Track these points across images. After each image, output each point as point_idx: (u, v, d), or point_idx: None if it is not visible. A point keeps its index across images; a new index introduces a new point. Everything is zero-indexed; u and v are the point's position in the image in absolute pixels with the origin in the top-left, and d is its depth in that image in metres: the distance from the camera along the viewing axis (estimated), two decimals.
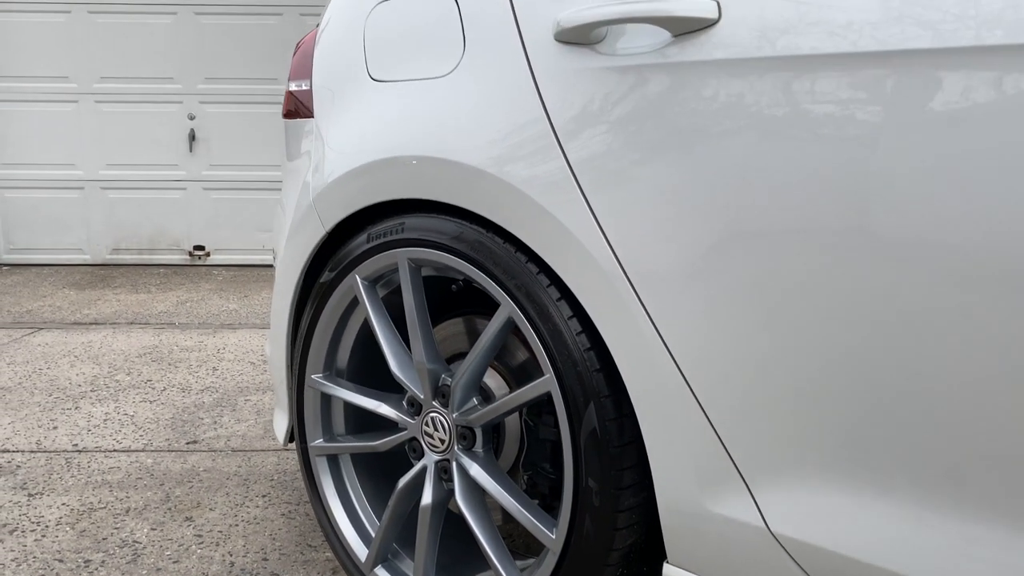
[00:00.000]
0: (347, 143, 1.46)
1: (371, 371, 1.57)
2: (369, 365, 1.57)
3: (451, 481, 1.37)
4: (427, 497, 1.39)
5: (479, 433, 1.34)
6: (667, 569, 1.14)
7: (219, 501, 2.06)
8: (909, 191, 0.88)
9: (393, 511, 1.45)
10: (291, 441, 1.69)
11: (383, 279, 1.46)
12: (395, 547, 1.51)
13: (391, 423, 1.47)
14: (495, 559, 1.30)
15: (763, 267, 0.99)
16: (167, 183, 5.81)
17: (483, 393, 1.39)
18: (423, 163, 1.31)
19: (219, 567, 1.74)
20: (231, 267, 5.84)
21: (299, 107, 1.63)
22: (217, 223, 5.85)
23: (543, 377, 1.20)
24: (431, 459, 1.40)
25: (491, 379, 1.42)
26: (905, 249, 0.89)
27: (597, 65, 1.11)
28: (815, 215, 0.94)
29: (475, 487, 1.34)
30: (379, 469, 1.59)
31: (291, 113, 1.67)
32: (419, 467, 1.41)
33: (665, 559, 1.14)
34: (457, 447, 1.36)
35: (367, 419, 1.56)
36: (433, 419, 1.38)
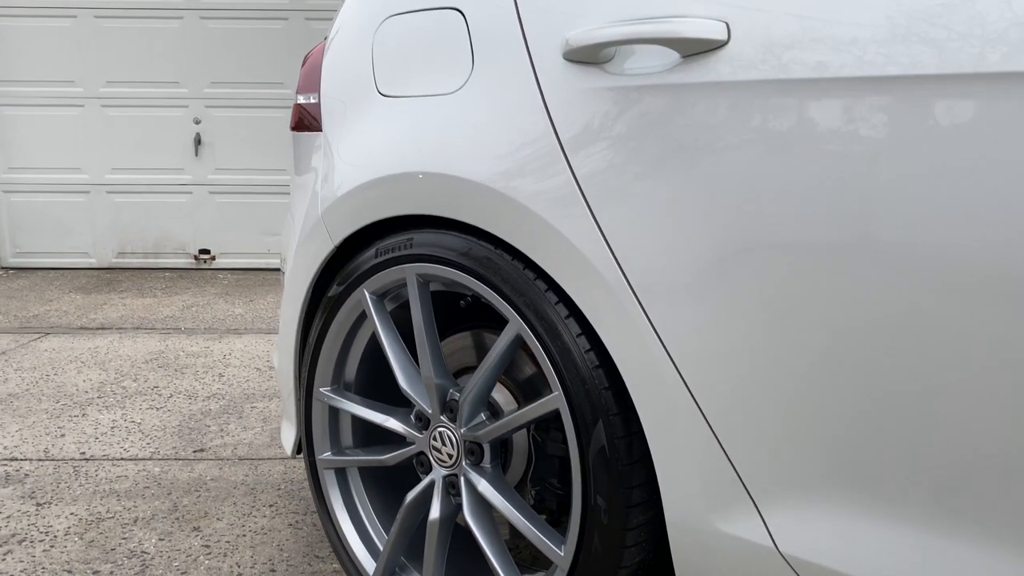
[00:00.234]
0: (355, 158, 1.47)
1: (379, 384, 1.57)
2: (377, 378, 1.57)
3: (459, 496, 1.37)
4: (435, 512, 1.39)
5: (487, 448, 1.34)
6: None
7: (226, 511, 2.07)
8: (912, 208, 0.88)
9: (401, 525, 1.45)
10: (298, 453, 1.70)
11: (391, 293, 1.47)
12: (403, 560, 1.51)
13: (399, 437, 1.47)
14: (503, 574, 1.31)
15: (768, 286, 0.99)
16: (173, 187, 5.82)
17: (491, 408, 1.39)
18: (431, 179, 1.31)
19: None
20: (236, 271, 5.85)
21: (307, 120, 1.64)
22: (222, 227, 5.86)
23: (552, 395, 1.20)
24: (439, 474, 1.40)
25: (499, 394, 1.42)
26: (912, 266, 0.89)
27: (606, 85, 1.12)
28: (823, 238, 0.95)
29: (483, 502, 1.34)
30: (387, 482, 1.60)
31: (299, 126, 1.67)
32: (427, 481, 1.42)
33: None
34: (465, 462, 1.36)
35: (375, 432, 1.56)
36: (441, 434, 1.38)
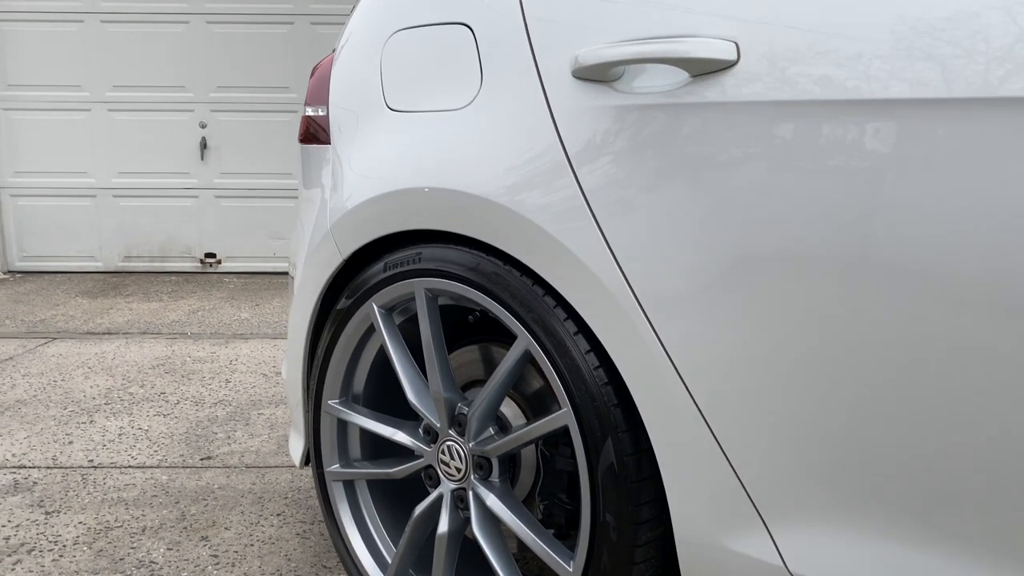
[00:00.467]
0: (364, 172, 1.47)
1: (387, 397, 1.57)
2: (385, 391, 1.58)
3: (467, 509, 1.38)
4: (443, 525, 1.40)
5: (495, 463, 1.34)
6: None
7: (234, 520, 2.07)
8: (914, 225, 0.89)
9: (409, 538, 1.46)
10: (307, 464, 1.70)
11: (399, 307, 1.47)
12: (411, 573, 1.51)
13: (407, 450, 1.48)
14: None
15: (776, 302, 1.00)
16: (179, 191, 5.83)
17: (499, 422, 1.39)
18: (440, 195, 1.32)
19: None
20: (242, 274, 5.86)
21: (316, 133, 1.64)
22: (228, 231, 5.88)
23: (561, 411, 1.20)
24: (447, 487, 1.40)
25: (507, 407, 1.42)
26: (919, 285, 0.89)
27: (615, 103, 1.12)
28: (830, 256, 0.95)
29: (491, 516, 1.35)
30: (395, 495, 1.60)
31: (308, 138, 1.68)
32: (435, 495, 1.42)
33: None
34: (473, 476, 1.36)
35: (383, 445, 1.56)
36: (449, 447, 1.39)
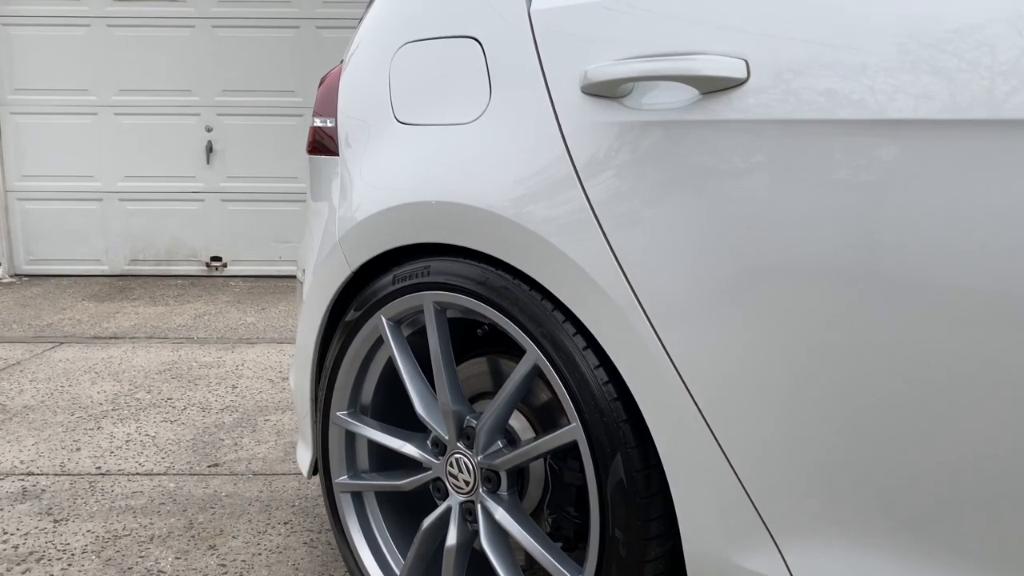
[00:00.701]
0: (372, 185, 1.48)
1: (395, 408, 1.58)
2: (393, 402, 1.58)
3: (475, 522, 1.38)
4: (452, 538, 1.40)
5: (504, 476, 1.35)
6: None
7: (242, 528, 2.08)
8: (918, 238, 0.89)
9: (418, 550, 1.46)
10: (314, 474, 1.70)
11: (408, 319, 1.47)
12: None
13: (415, 462, 1.48)
14: None
15: (783, 318, 1.00)
16: (185, 195, 5.85)
17: (507, 435, 1.39)
18: (449, 209, 1.32)
19: None
20: (248, 278, 5.87)
21: (324, 143, 1.64)
22: (234, 234, 5.89)
23: (570, 426, 1.20)
24: (456, 500, 1.41)
25: (515, 420, 1.42)
26: (926, 299, 0.89)
27: (624, 119, 1.12)
28: (838, 272, 0.95)
29: (500, 530, 1.35)
30: (403, 506, 1.60)
31: (316, 149, 1.68)
32: (443, 508, 1.42)
33: None
34: (482, 489, 1.36)
35: (391, 456, 1.57)
36: (457, 460, 1.39)
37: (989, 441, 0.88)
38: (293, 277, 5.78)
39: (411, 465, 1.50)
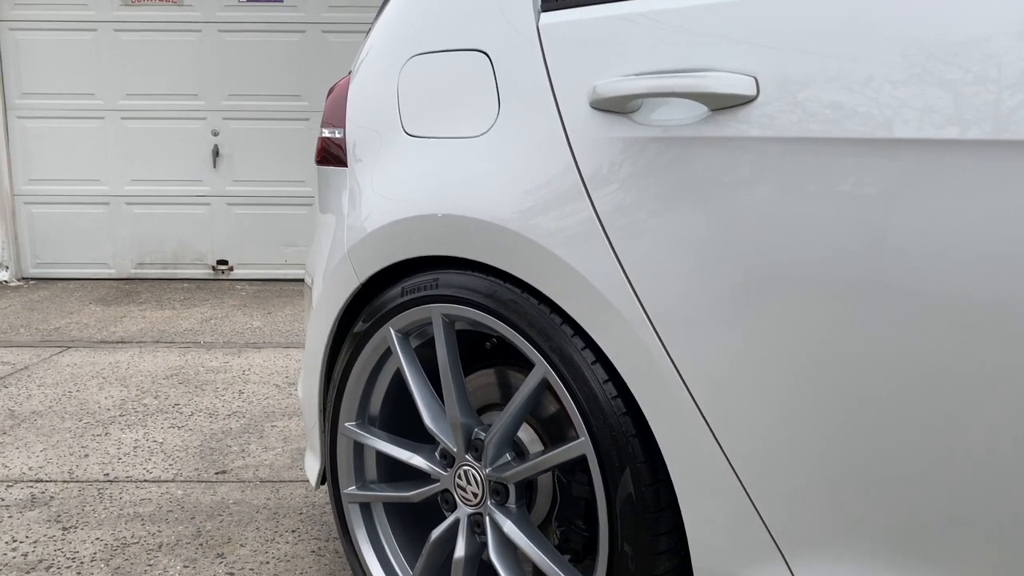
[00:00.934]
0: (381, 197, 1.48)
1: (403, 419, 1.58)
2: (401, 413, 1.58)
3: (484, 534, 1.38)
4: (460, 550, 1.40)
5: (512, 489, 1.35)
6: None
7: (249, 536, 2.08)
8: (925, 251, 0.89)
9: (426, 562, 1.46)
10: (322, 483, 1.71)
11: (416, 331, 1.48)
12: None
13: (424, 473, 1.48)
14: None
15: (791, 335, 1.00)
16: (191, 198, 5.86)
17: (516, 448, 1.40)
18: (457, 223, 1.32)
19: None
20: (254, 281, 5.89)
21: (333, 154, 1.65)
22: (240, 238, 5.91)
23: (579, 440, 1.21)
24: (464, 512, 1.41)
25: (523, 432, 1.42)
26: (933, 313, 0.89)
27: (634, 135, 1.12)
28: (846, 289, 0.95)
29: (508, 542, 1.35)
30: (412, 517, 1.61)
31: (325, 160, 1.68)
32: (452, 520, 1.43)
33: None
34: (490, 502, 1.37)
35: (400, 467, 1.57)
36: (466, 472, 1.39)
37: (1001, 455, 0.88)
38: (299, 281, 5.81)
39: (419, 476, 1.51)
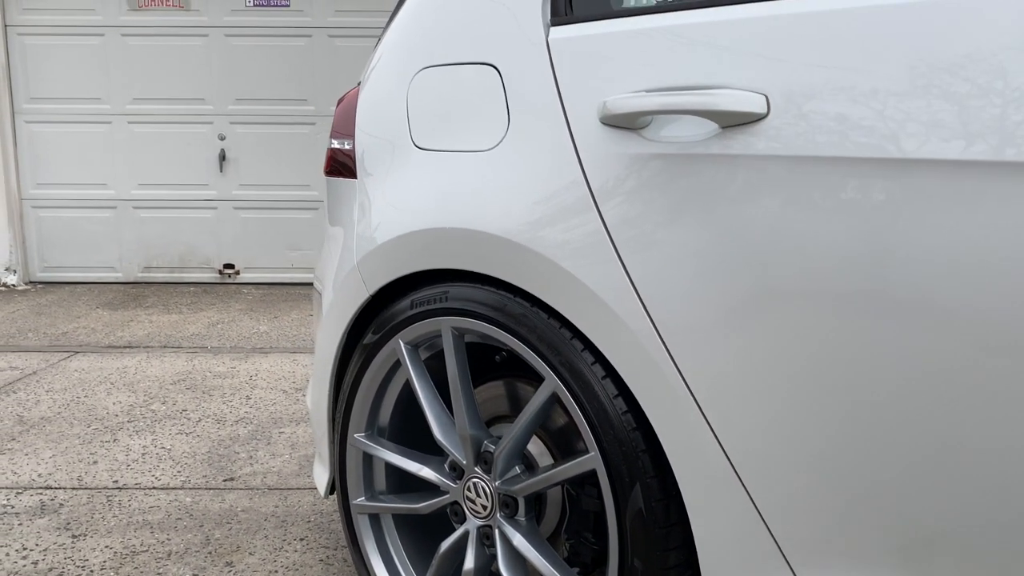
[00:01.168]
0: (390, 210, 1.48)
1: (412, 430, 1.58)
2: (410, 424, 1.59)
3: (493, 547, 1.38)
4: (469, 562, 1.41)
5: (521, 502, 1.35)
6: None
7: (258, 544, 2.09)
8: (929, 266, 0.90)
9: (435, 573, 1.47)
10: (331, 493, 1.71)
11: (426, 343, 1.48)
12: None
13: (433, 484, 1.48)
14: None
15: (803, 347, 1.00)
16: (198, 202, 5.88)
17: (525, 461, 1.40)
18: (467, 236, 1.32)
19: None
20: (260, 285, 5.90)
21: (342, 165, 1.65)
22: (247, 242, 5.92)
23: (589, 455, 1.21)
24: (473, 524, 1.41)
25: (532, 445, 1.43)
26: (939, 328, 0.90)
27: (643, 151, 1.12)
28: (856, 308, 0.95)
29: (517, 555, 1.35)
30: (421, 528, 1.61)
31: (334, 171, 1.69)
32: (461, 532, 1.43)
33: None
34: (499, 514, 1.37)
35: (409, 477, 1.57)
36: (475, 485, 1.39)
37: (1011, 469, 0.89)
38: (305, 285, 5.83)
39: (428, 487, 1.51)
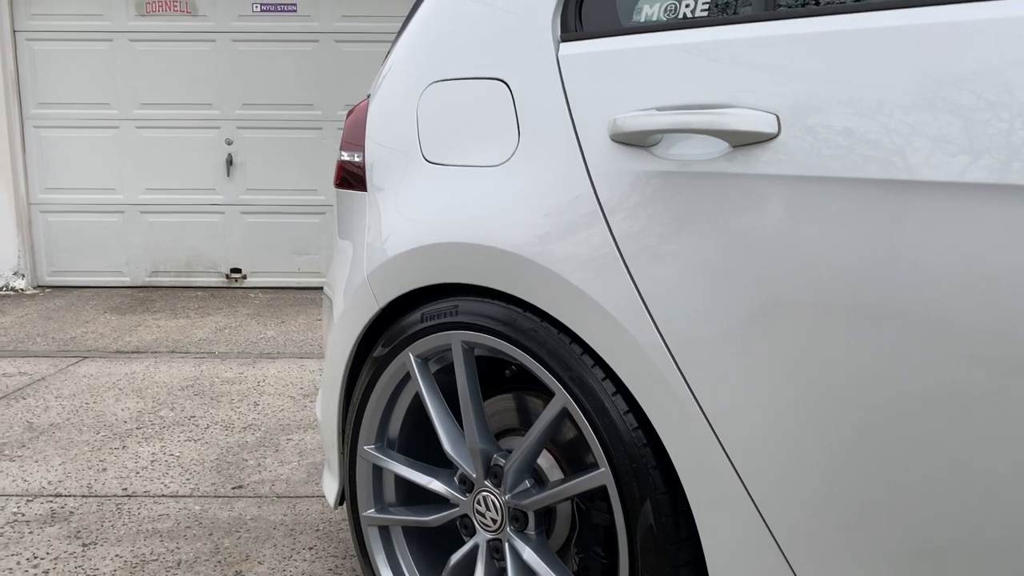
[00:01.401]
0: (400, 224, 1.49)
1: (422, 443, 1.59)
2: (420, 437, 1.59)
3: (503, 560, 1.39)
4: (479, 575, 1.41)
5: (531, 516, 1.35)
6: None
7: (267, 554, 2.10)
8: (935, 282, 0.90)
9: None
10: (341, 503, 1.72)
11: (435, 356, 1.48)
12: None
13: (443, 497, 1.49)
14: None
15: (811, 363, 1.00)
16: (205, 207, 5.90)
17: (535, 475, 1.40)
18: (477, 251, 1.33)
19: None
20: (267, 289, 5.92)
21: (352, 178, 1.66)
22: (253, 246, 5.94)
23: (599, 471, 1.21)
24: (483, 537, 1.42)
25: (542, 458, 1.43)
26: (947, 342, 0.90)
27: (654, 169, 1.13)
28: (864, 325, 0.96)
29: (527, 568, 1.36)
30: (431, 540, 1.61)
31: (344, 183, 1.70)
32: (471, 545, 1.43)
33: None
34: (509, 528, 1.37)
35: (418, 489, 1.58)
36: (485, 498, 1.40)
37: (1018, 482, 0.89)
38: (312, 289, 5.84)
39: (438, 500, 1.51)
